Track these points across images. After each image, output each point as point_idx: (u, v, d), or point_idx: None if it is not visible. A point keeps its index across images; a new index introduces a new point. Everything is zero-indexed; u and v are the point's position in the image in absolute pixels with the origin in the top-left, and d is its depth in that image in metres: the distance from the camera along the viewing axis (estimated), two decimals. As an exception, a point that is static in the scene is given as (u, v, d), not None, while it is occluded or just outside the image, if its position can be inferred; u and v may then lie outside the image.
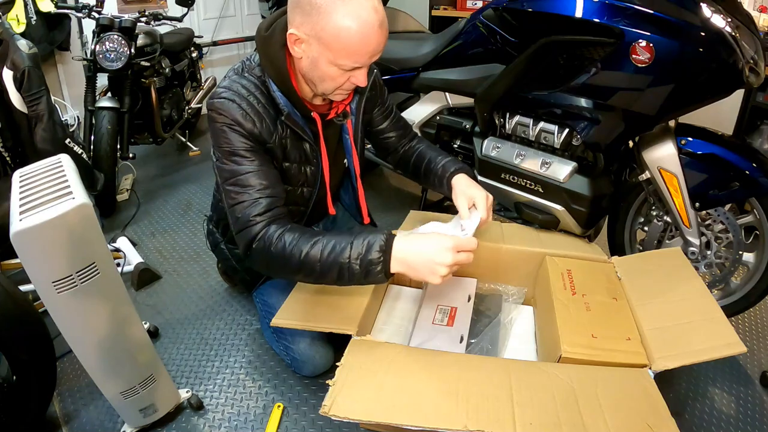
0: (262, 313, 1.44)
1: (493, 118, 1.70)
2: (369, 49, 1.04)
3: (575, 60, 1.40)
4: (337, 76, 1.08)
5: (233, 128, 1.11)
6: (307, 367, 1.35)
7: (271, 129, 1.15)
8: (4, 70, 1.57)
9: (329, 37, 1.01)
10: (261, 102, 1.14)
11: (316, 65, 1.08)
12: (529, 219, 1.63)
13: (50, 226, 0.87)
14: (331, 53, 1.03)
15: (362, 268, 1.01)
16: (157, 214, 2.34)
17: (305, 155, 1.24)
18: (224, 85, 1.15)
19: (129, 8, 3.05)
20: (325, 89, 1.13)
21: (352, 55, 1.03)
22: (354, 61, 1.05)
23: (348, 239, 1.03)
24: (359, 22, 0.99)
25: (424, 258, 0.99)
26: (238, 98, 1.12)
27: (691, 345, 1.04)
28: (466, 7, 3.30)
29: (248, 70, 1.17)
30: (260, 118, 1.13)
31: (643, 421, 0.88)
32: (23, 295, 1.13)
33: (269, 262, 1.09)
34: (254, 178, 1.11)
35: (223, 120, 1.11)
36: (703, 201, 1.39)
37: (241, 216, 1.10)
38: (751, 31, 1.30)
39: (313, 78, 1.11)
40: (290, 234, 1.06)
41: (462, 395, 0.93)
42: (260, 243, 1.08)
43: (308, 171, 1.27)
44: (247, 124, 1.11)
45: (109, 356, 1.06)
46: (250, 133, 1.12)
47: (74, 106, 2.93)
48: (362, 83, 1.11)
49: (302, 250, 1.04)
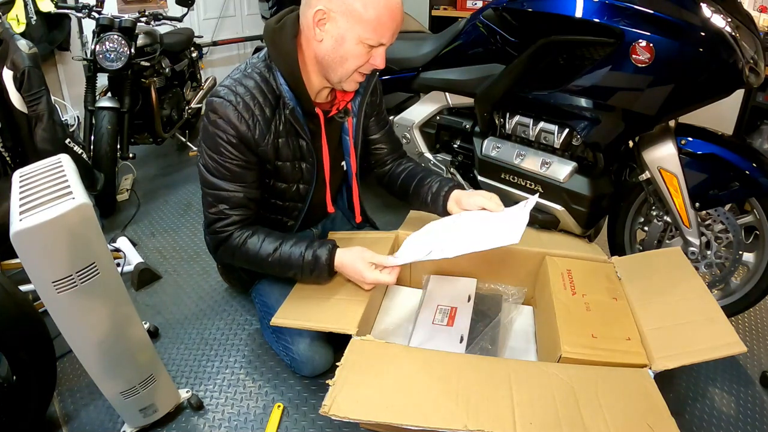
0: (261, 313, 1.44)
1: (493, 118, 1.70)
2: (395, 24, 1.10)
3: (575, 60, 1.40)
4: (359, 54, 1.11)
5: (224, 138, 1.14)
6: (307, 368, 1.35)
7: (265, 131, 1.17)
8: (4, 70, 1.57)
9: (359, 11, 1.06)
10: (258, 102, 1.15)
11: (341, 43, 1.10)
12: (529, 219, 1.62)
13: (50, 226, 0.87)
14: (360, 27, 1.07)
15: (312, 275, 1.21)
16: (157, 214, 2.34)
17: (300, 152, 1.25)
18: (225, 83, 1.17)
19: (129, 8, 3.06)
20: (344, 73, 1.15)
21: (378, 30, 1.08)
22: (380, 35, 1.09)
23: (300, 251, 1.20)
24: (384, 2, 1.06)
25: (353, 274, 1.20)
26: (235, 98, 1.13)
27: (691, 345, 1.04)
28: (466, 7, 3.30)
29: (252, 66, 1.19)
30: (255, 120, 1.15)
31: (643, 420, 0.89)
32: (23, 295, 1.13)
33: (234, 260, 1.27)
34: (232, 198, 1.20)
35: (217, 124, 1.14)
36: (703, 201, 1.39)
37: (212, 225, 1.23)
38: (751, 31, 1.30)
39: (333, 60, 1.13)
40: (254, 240, 1.21)
41: (462, 395, 0.93)
42: (225, 247, 1.24)
43: (303, 168, 1.28)
44: (242, 126, 1.14)
45: (109, 356, 1.06)
46: (243, 138, 1.15)
47: (74, 106, 2.93)
48: (381, 64, 1.14)
49: (262, 258, 1.21)
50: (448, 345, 1.23)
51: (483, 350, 1.23)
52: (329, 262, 1.20)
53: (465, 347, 1.23)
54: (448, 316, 1.32)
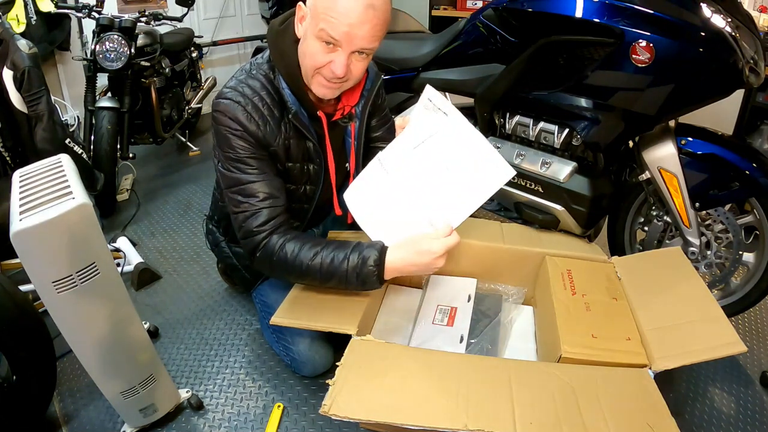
0: (262, 313, 1.44)
1: (493, 118, 1.70)
2: (347, 20, 1.00)
3: (575, 60, 1.40)
4: (316, 51, 1.06)
5: (237, 133, 1.12)
6: (307, 368, 1.35)
7: (276, 131, 1.16)
8: (4, 70, 1.57)
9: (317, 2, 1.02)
10: (266, 102, 1.15)
11: (305, 39, 1.08)
12: (529, 219, 1.63)
13: (50, 226, 0.87)
14: (315, 20, 1.03)
15: (359, 279, 1.09)
16: (157, 214, 2.34)
17: (308, 154, 1.25)
18: (231, 85, 1.16)
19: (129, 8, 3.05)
20: (306, 72, 1.12)
21: (328, 20, 1.00)
22: (330, 28, 1.01)
23: (345, 252, 1.10)
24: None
25: (417, 267, 1.07)
26: (243, 99, 1.12)
27: (691, 345, 1.04)
28: (466, 7, 3.30)
29: (256, 68, 1.17)
30: (264, 121, 1.14)
31: (643, 420, 0.89)
32: (23, 295, 1.13)
33: (273, 269, 1.17)
34: (257, 188, 1.14)
35: (227, 123, 1.12)
36: (703, 201, 1.39)
37: (244, 225, 1.15)
38: (751, 31, 1.30)
39: (300, 58, 1.11)
40: (292, 244, 1.13)
41: (462, 395, 0.93)
42: (263, 252, 1.14)
43: (311, 169, 1.27)
44: (251, 126, 1.12)
45: (109, 356, 1.06)
46: (253, 136, 1.13)
47: (74, 106, 2.93)
48: (338, 70, 1.05)
49: (303, 261, 1.11)
50: (448, 345, 1.23)
51: (483, 350, 1.23)
52: (378, 265, 1.06)
53: (465, 347, 1.23)
54: (448, 316, 1.32)
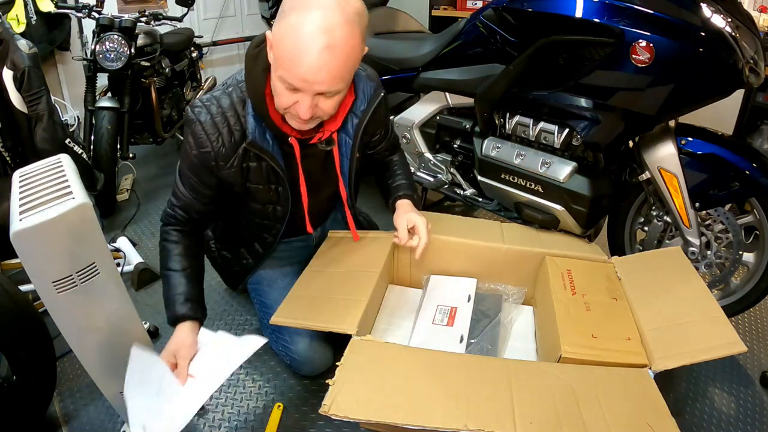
0: (261, 313, 1.44)
1: (493, 118, 1.70)
2: (300, 70, 0.92)
3: (575, 60, 1.40)
4: (281, 93, 1.00)
5: (187, 147, 1.16)
6: (307, 368, 1.35)
7: (230, 154, 1.15)
8: (4, 70, 1.57)
9: (277, 40, 0.95)
10: (228, 124, 1.13)
11: (272, 75, 1.02)
12: (529, 219, 1.63)
13: (50, 226, 0.87)
14: (275, 62, 0.98)
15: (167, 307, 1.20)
16: (157, 214, 2.34)
17: (273, 176, 1.22)
18: (206, 97, 1.15)
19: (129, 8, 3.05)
20: (278, 107, 1.07)
21: (284, 66, 0.95)
22: (286, 74, 0.95)
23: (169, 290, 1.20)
24: (299, 30, 0.90)
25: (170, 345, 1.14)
26: (206, 118, 1.12)
27: (691, 345, 1.04)
28: (466, 7, 3.29)
29: (234, 85, 1.15)
30: (219, 143, 1.13)
31: (644, 420, 0.89)
32: (23, 295, 1.13)
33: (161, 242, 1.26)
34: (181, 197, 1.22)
35: (187, 131, 1.15)
36: (703, 201, 1.39)
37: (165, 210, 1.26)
38: (751, 31, 1.30)
39: (273, 95, 1.06)
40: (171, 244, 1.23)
41: (462, 395, 0.93)
42: (161, 232, 1.26)
43: (278, 190, 1.25)
44: (205, 146, 1.13)
45: (109, 356, 1.06)
46: (203, 158, 1.15)
47: (74, 106, 2.93)
48: (302, 114, 0.99)
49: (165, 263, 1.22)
50: (448, 345, 1.23)
51: (483, 350, 1.23)
52: (173, 318, 1.18)
53: (465, 347, 1.23)
54: (448, 316, 1.32)
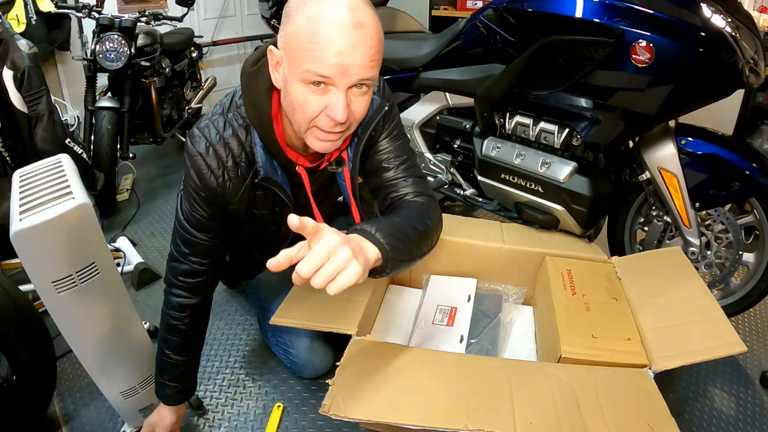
0: (259, 317, 1.44)
1: (493, 118, 1.70)
2: (333, 49, 0.81)
3: (575, 60, 1.40)
4: (305, 100, 0.86)
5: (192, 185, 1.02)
6: (307, 370, 1.35)
7: (238, 187, 1.03)
8: (5, 70, 1.57)
9: (292, 38, 0.83)
10: (234, 155, 1.00)
11: (287, 89, 0.89)
12: (529, 219, 1.63)
13: (50, 226, 0.87)
14: (295, 62, 0.84)
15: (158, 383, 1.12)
16: (157, 214, 2.34)
17: (279, 202, 1.11)
18: (203, 125, 1.01)
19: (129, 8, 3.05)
20: (298, 125, 0.92)
21: (313, 57, 0.81)
22: (317, 64, 0.82)
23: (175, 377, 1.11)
24: (323, 13, 0.81)
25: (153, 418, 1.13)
26: (206, 150, 0.99)
27: (691, 345, 1.04)
28: (466, 7, 3.30)
29: (235, 108, 1.01)
30: (226, 177, 1.01)
31: (644, 421, 0.88)
32: (23, 295, 1.13)
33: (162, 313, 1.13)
34: (197, 242, 1.07)
35: (189, 164, 1.01)
36: (703, 201, 1.39)
37: (170, 268, 1.12)
38: (751, 31, 1.30)
39: (288, 113, 0.94)
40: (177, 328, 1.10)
41: (462, 395, 0.93)
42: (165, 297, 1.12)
43: (283, 212, 1.13)
44: (210, 182, 1.00)
45: (109, 356, 1.06)
46: (210, 192, 1.01)
47: (74, 106, 2.93)
48: (337, 115, 0.85)
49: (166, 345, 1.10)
50: (448, 345, 1.23)
51: (483, 350, 1.23)
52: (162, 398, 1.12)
53: (465, 347, 1.23)
54: (448, 316, 1.32)
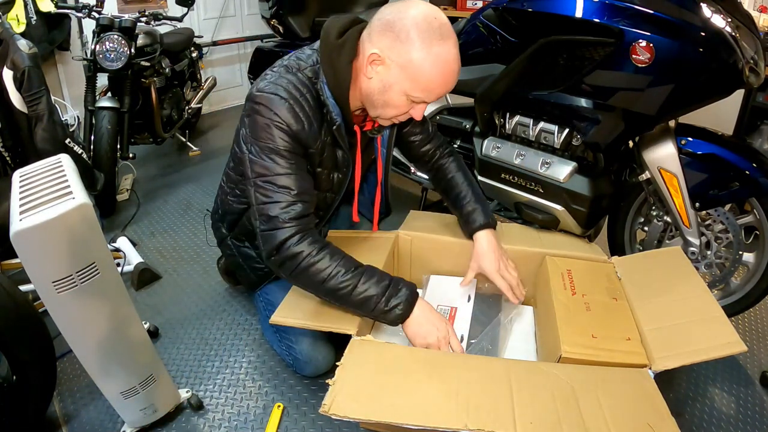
0: (265, 312, 1.43)
1: (493, 118, 1.70)
2: (444, 90, 1.10)
3: (575, 60, 1.40)
4: (402, 105, 1.11)
5: (280, 126, 1.09)
6: (309, 368, 1.35)
7: (317, 134, 1.15)
8: (4, 70, 1.57)
9: (415, 69, 1.04)
10: (311, 105, 1.13)
11: (387, 90, 1.09)
12: (529, 219, 1.63)
13: (50, 226, 0.87)
14: (409, 84, 1.06)
15: (378, 317, 1.12)
16: (157, 214, 2.34)
17: (337, 163, 1.26)
18: (272, 80, 1.12)
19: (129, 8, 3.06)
20: (382, 113, 1.14)
21: (427, 91, 1.07)
22: (426, 96, 1.09)
23: (377, 291, 1.09)
24: (445, 66, 1.05)
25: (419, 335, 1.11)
26: (290, 97, 1.10)
27: (691, 345, 1.04)
28: (466, 7, 3.30)
29: (299, 69, 1.15)
30: (309, 122, 1.13)
31: (644, 420, 0.88)
32: (23, 295, 1.13)
33: (297, 273, 1.10)
34: (291, 181, 1.10)
35: (270, 116, 1.09)
36: (703, 201, 1.39)
37: (273, 215, 1.09)
38: (751, 31, 1.30)
39: (376, 101, 1.12)
40: (326, 261, 1.08)
41: (462, 395, 0.93)
42: (290, 251, 1.08)
43: (336, 177, 1.28)
44: (297, 125, 1.11)
45: (109, 356, 1.06)
46: (296, 134, 1.11)
47: (74, 106, 2.93)
48: (418, 117, 1.15)
49: (336, 285, 1.08)
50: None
51: (483, 350, 1.23)
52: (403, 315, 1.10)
53: (465, 347, 1.23)
54: (448, 315, 1.32)
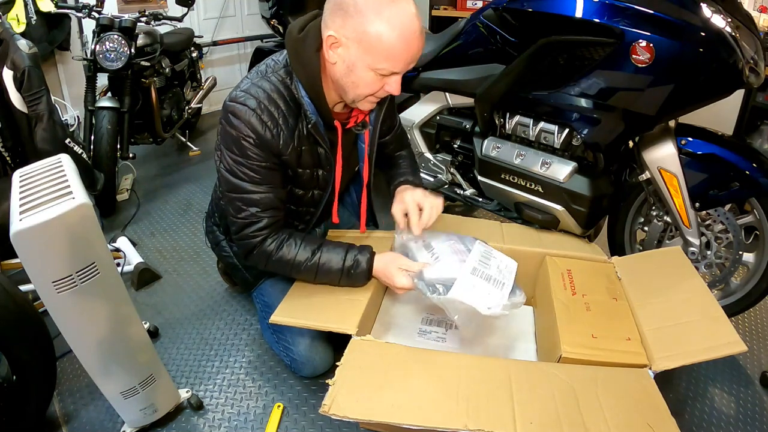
0: (262, 313, 1.44)
1: (493, 118, 1.70)
2: (409, 55, 1.06)
3: (575, 60, 1.40)
4: (372, 82, 1.08)
5: (249, 139, 1.10)
6: (307, 369, 1.35)
7: (289, 140, 1.15)
8: (5, 70, 1.57)
9: (371, 40, 1.02)
10: (281, 110, 1.13)
11: (352, 70, 1.07)
12: (529, 219, 1.63)
13: (50, 226, 0.87)
14: (370, 57, 1.04)
15: (349, 278, 1.22)
16: (157, 214, 2.34)
17: (319, 160, 1.25)
18: (244, 87, 1.13)
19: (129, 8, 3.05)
20: (356, 96, 1.12)
21: (391, 59, 1.04)
22: (393, 66, 1.06)
23: (340, 255, 1.21)
24: (402, 27, 1.01)
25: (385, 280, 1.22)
26: (258, 106, 1.10)
27: (691, 345, 1.05)
28: (466, 7, 3.30)
29: (272, 71, 1.15)
30: (278, 129, 1.12)
31: (644, 420, 0.89)
32: (23, 295, 1.13)
33: (268, 266, 1.23)
34: (260, 199, 1.16)
35: (239, 127, 1.10)
36: (703, 201, 1.39)
37: (242, 231, 1.19)
38: (751, 31, 1.30)
39: (346, 84, 1.10)
40: (289, 246, 1.20)
41: (462, 395, 0.94)
42: (259, 253, 1.20)
43: (320, 174, 1.28)
44: (266, 134, 1.11)
45: (109, 356, 1.06)
46: (266, 144, 1.12)
47: (74, 106, 2.93)
48: (395, 91, 1.11)
49: (301, 262, 1.20)
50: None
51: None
52: (369, 267, 1.21)
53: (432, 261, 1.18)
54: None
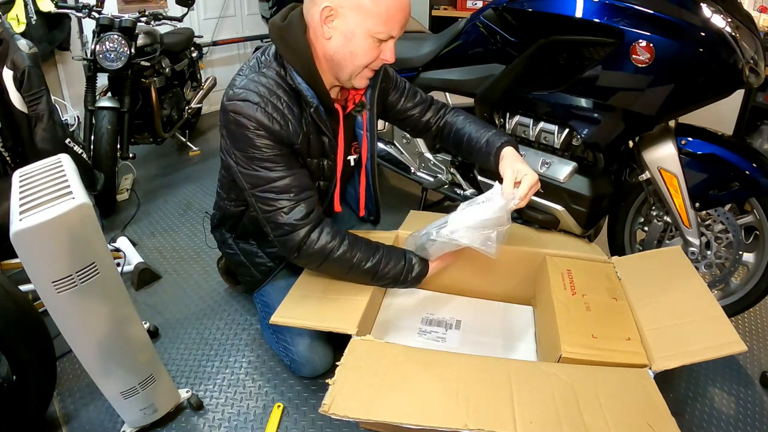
0: (262, 314, 1.44)
1: (493, 118, 1.70)
2: (403, 17, 1.09)
3: (575, 60, 1.40)
4: (370, 49, 1.10)
5: (259, 133, 1.09)
6: (306, 369, 1.35)
7: (297, 129, 1.14)
8: (4, 70, 1.57)
9: (368, 4, 1.05)
10: (284, 100, 1.12)
11: (350, 39, 1.09)
12: (529, 219, 1.63)
13: (50, 226, 0.87)
14: (370, 21, 1.06)
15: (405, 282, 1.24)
16: (157, 214, 2.34)
17: (324, 149, 1.24)
18: (241, 84, 1.11)
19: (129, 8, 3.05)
20: (354, 69, 1.13)
21: (389, 22, 1.07)
22: (390, 28, 1.08)
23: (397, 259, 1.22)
24: None
25: None
26: (261, 100, 1.09)
27: (691, 345, 1.04)
28: (466, 7, 3.30)
29: (265, 65, 1.14)
30: (286, 120, 1.11)
31: (643, 420, 0.89)
32: (23, 295, 1.13)
33: (324, 266, 1.20)
34: (288, 183, 1.13)
35: (246, 124, 1.08)
36: (703, 201, 1.39)
37: (281, 222, 1.14)
38: (751, 31, 1.30)
39: (342, 58, 1.12)
40: (345, 245, 1.18)
41: (462, 395, 0.93)
42: (309, 246, 1.16)
43: (326, 165, 1.27)
44: (275, 126, 1.10)
45: (109, 356, 1.06)
46: (277, 136, 1.11)
47: (74, 106, 2.93)
48: (391, 58, 1.13)
49: (361, 263, 1.19)
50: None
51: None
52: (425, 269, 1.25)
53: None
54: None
